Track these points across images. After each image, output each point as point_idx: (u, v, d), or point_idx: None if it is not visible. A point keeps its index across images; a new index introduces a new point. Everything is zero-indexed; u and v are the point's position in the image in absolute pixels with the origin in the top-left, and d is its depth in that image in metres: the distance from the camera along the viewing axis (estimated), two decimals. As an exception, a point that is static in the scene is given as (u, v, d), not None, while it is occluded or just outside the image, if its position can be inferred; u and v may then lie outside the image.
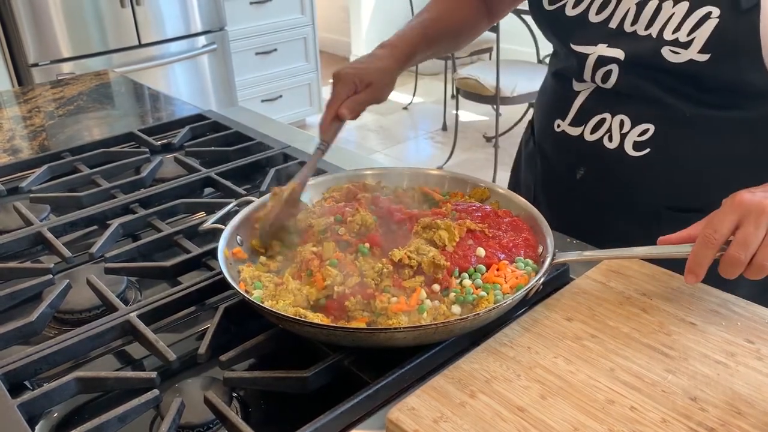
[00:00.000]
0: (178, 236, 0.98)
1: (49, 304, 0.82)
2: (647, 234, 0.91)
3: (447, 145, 4.06)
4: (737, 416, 0.60)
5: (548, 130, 1.03)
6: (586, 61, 0.92)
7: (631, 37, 0.87)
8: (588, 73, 0.93)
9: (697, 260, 0.70)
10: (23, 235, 0.99)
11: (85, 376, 0.70)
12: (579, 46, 0.93)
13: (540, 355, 0.69)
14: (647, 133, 0.90)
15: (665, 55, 0.84)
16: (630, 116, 0.91)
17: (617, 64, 0.89)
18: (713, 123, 0.88)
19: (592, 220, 0.95)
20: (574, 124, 0.98)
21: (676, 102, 0.87)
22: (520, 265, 0.79)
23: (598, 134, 0.95)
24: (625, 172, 0.94)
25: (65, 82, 1.85)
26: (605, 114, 0.94)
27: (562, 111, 0.99)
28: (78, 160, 1.27)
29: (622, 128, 0.92)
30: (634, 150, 0.92)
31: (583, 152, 0.97)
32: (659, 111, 0.89)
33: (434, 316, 0.71)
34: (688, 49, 0.82)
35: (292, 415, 0.69)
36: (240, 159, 1.25)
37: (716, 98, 0.86)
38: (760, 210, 0.68)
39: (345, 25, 5.55)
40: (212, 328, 0.75)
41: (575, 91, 0.97)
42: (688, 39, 0.81)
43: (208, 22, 3.31)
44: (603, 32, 0.90)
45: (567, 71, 0.99)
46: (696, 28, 0.81)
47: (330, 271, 0.74)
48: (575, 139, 0.98)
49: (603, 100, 0.94)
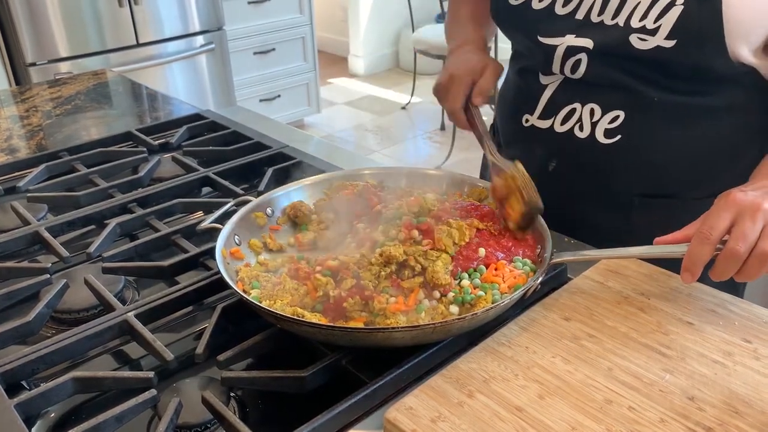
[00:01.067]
0: (176, 236, 0.98)
1: (47, 304, 0.81)
2: (622, 222, 0.96)
3: (445, 145, 4.06)
4: (735, 416, 0.60)
5: (515, 126, 1.04)
6: (555, 52, 0.93)
7: (598, 27, 0.89)
8: (557, 64, 0.94)
9: (693, 258, 0.70)
10: (20, 235, 0.99)
11: (83, 376, 0.70)
12: (546, 38, 0.94)
13: (538, 355, 0.69)
14: (617, 120, 0.92)
15: (633, 43, 0.85)
16: (600, 104, 0.93)
17: (586, 53, 0.91)
18: (681, 109, 0.90)
19: (566, 211, 0.95)
20: (543, 117, 0.99)
21: (645, 88, 0.89)
22: (518, 264, 0.79)
23: (569, 125, 0.96)
24: (597, 161, 0.95)
25: (63, 81, 1.84)
26: (575, 104, 0.95)
27: (530, 106, 1.00)
28: (75, 159, 1.27)
29: (592, 117, 0.93)
30: (605, 137, 0.93)
31: (554, 144, 0.98)
32: (628, 97, 0.91)
33: (432, 316, 0.71)
34: (654, 36, 0.83)
35: (289, 415, 0.69)
36: (238, 158, 1.25)
37: (683, 84, 0.88)
38: (755, 207, 0.69)
39: (343, 24, 5.55)
40: (210, 327, 0.75)
41: (542, 85, 0.98)
42: (655, 26, 0.83)
43: (206, 21, 3.30)
44: (570, 24, 0.92)
45: (532, 66, 1.00)
46: (662, 15, 0.83)
47: (320, 280, 0.74)
48: (545, 131, 0.99)
49: (571, 90, 0.95)
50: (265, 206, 0.92)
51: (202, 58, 3.34)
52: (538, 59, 0.97)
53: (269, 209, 0.92)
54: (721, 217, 0.70)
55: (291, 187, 0.96)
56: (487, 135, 0.93)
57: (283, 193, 0.95)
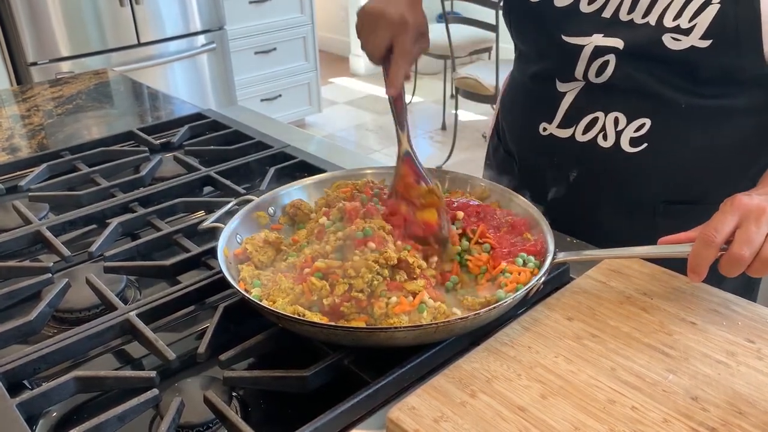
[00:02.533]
0: (178, 235, 0.98)
1: (48, 303, 0.81)
2: (644, 229, 0.92)
3: (446, 145, 4.06)
4: (738, 416, 0.60)
5: (530, 134, 1.00)
6: (581, 53, 0.90)
7: (628, 26, 0.86)
8: (581, 66, 0.90)
9: (697, 260, 0.70)
10: (22, 234, 0.99)
11: (84, 376, 0.70)
12: (572, 38, 0.90)
13: (541, 355, 0.69)
14: (644, 128, 0.89)
15: (666, 43, 0.83)
16: (625, 112, 0.90)
17: (615, 54, 0.87)
18: (706, 113, 0.88)
19: (586, 219, 0.94)
20: (563, 126, 0.95)
21: (672, 93, 0.87)
22: (518, 261, 0.78)
23: (591, 134, 0.93)
24: (621, 169, 0.93)
25: (64, 81, 1.84)
26: (597, 113, 0.92)
27: (547, 114, 0.97)
28: (77, 158, 1.27)
29: (617, 126, 0.91)
30: (630, 146, 0.91)
31: (576, 154, 0.95)
32: (655, 104, 0.88)
33: (434, 316, 0.71)
34: (689, 36, 0.81)
35: (291, 415, 0.69)
36: (239, 158, 1.24)
37: (708, 87, 0.86)
38: (760, 211, 0.69)
39: (344, 24, 5.55)
40: (212, 327, 0.75)
41: (560, 92, 0.95)
42: (690, 25, 0.81)
43: (207, 21, 3.30)
44: (597, 22, 0.88)
45: (547, 71, 0.96)
46: (697, 14, 0.80)
47: (315, 284, 0.72)
48: (565, 141, 0.95)
49: (593, 98, 0.92)
50: (267, 205, 0.92)
51: (203, 58, 3.34)
52: (557, 63, 0.94)
53: (271, 209, 0.92)
54: (726, 220, 0.70)
55: (292, 186, 0.96)
56: (406, 120, 0.86)
57: (285, 192, 0.94)
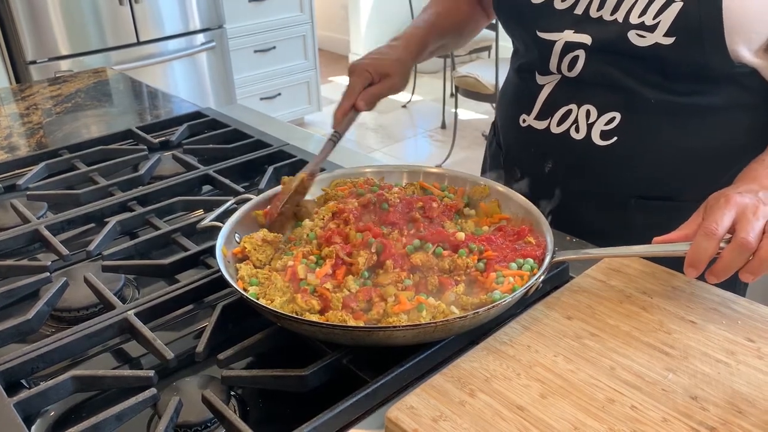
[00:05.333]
0: (176, 234, 0.98)
1: (46, 302, 0.81)
2: (620, 223, 0.96)
3: (446, 144, 4.06)
4: (738, 415, 0.60)
5: (513, 126, 1.04)
6: (553, 48, 0.93)
7: (597, 23, 0.89)
8: (554, 61, 0.94)
9: (698, 254, 0.70)
10: (20, 233, 0.99)
11: (82, 375, 0.70)
12: (545, 33, 0.94)
13: (540, 354, 0.68)
14: (614, 121, 0.91)
15: (632, 39, 0.85)
16: (596, 105, 0.93)
17: (584, 49, 0.90)
18: (678, 109, 0.89)
19: (562, 210, 0.95)
20: (539, 118, 0.99)
21: (642, 89, 0.89)
22: (513, 266, 0.78)
23: (565, 126, 0.96)
24: (594, 162, 0.95)
25: (63, 79, 1.84)
26: (571, 105, 0.95)
27: (527, 106, 1.00)
28: (76, 157, 1.27)
29: (588, 118, 0.93)
30: (601, 139, 0.93)
31: (551, 145, 0.98)
32: (625, 98, 0.90)
33: (433, 315, 0.71)
34: (653, 33, 0.83)
35: (290, 414, 0.69)
36: (238, 157, 1.24)
37: (681, 85, 0.88)
38: (754, 205, 0.71)
39: (344, 23, 5.55)
40: (210, 326, 0.74)
41: (539, 85, 0.98)
42: (654, 22, 0.83)
43: (206, 19, 3.30)
44: (569, 19, 0.91)
45: (530, 64, 1.00)
46: (661, 12, 0.82)
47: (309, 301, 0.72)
48: (541, 132, 0.99)
49: (568, 91, 0.95)
50: (266, 204, 0.92)
51: (202, 56, 3.34)
52: (536, 56, 0.97)
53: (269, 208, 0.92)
54: (724, 214, 0.70)
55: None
56: (327, 153, 0.97)
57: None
